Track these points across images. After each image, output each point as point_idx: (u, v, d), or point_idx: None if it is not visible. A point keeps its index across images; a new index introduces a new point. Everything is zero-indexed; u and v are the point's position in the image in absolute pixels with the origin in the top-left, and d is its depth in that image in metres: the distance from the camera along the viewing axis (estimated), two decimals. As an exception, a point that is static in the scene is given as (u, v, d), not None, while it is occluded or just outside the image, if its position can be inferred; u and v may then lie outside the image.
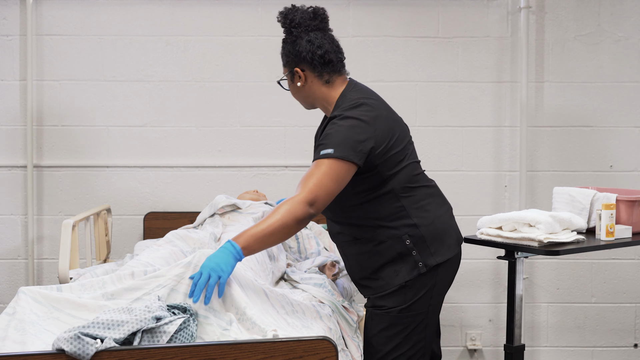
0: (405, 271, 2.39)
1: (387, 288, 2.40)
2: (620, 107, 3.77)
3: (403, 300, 2.39)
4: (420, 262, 2.38)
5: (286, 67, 2.48)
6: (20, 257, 3.76)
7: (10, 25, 3.70)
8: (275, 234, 2.19)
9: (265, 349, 1.86)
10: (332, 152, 2.27)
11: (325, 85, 2.48)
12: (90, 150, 3.74)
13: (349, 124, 2.33)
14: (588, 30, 3.75)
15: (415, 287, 2.38)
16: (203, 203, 3.73)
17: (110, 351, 1.82)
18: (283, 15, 2.47)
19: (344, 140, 2.29)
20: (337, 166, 2.26)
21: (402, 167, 2.40)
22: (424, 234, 2.39)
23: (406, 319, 2.39)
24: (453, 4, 3.73)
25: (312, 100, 2.52)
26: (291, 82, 2.50)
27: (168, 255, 2.72)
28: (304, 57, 2.43)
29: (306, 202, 2.21)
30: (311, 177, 2.25)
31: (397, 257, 2.39)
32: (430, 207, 2.44)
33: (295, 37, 2.44)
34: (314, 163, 2.30)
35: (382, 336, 2.40)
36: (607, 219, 2.73)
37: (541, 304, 3.84)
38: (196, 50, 3.73)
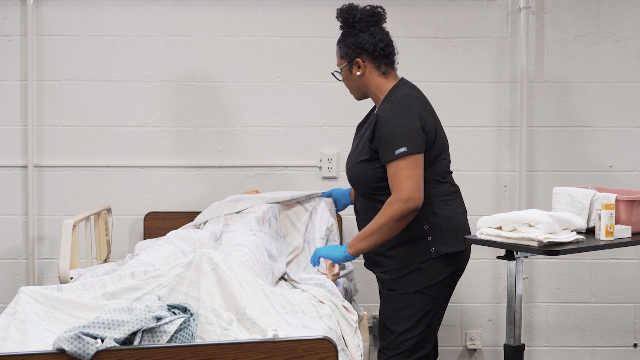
0: (418, 253, 2.64)
1: (398, 266, 2.66)
2: (620, 107, 3.78)
3: (417, 282, 2.63)
4: (433, 248, 2.64)
5: (344, 59, 2.71)
6: (20, 257, 3.77)
7: (10, 26, 3.70)
8: (375, 233, 2.57)
9: (265, 348, 1.86)
10: (406, 150, 2.55)
11: (382, 77, 2.72)
12: (90, 150, 3.75)
13: (408, 117, 2.59)
14: (588, 30, 3.75)
15: (428, 271, 2.64)
16: (203, 203, 3.74)
17: (111, 351, 1.82)
18: (345, 11, 2.70)
19: (409, 135, 2.56)
20: (413, 159, 2.56)
21: (438, 161, 2.68)
22: (442, 223, 2.66)
23: (421, 301, 2.64)
24: (453, 4, 3.74)
25: (366, 89, 2.75)
26: (349, 73, 2.72)
27: (168, 255, 2.73)
28: (366, 49, 2.68)
29: (401, 200, 2.53)
30: (397, 177, 2.55)
31: (412, 239, 2.64)
32: (451, 203, 2.71)
33: (357, 31, 2.68)
34: (393, 165, 2.56)
35: (398, 317, 2.64)
36: (607, 219, 2.73)
37: (541, 304, 3.84)
38: (196, 50, 3.73)
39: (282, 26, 3.74)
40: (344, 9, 2.71)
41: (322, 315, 2.35)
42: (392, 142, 2.56)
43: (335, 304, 2.54)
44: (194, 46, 3.73)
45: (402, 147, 2.54)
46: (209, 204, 3.74)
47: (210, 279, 2.16)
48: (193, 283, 2.17)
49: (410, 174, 2.54)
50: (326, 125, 3.76)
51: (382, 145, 2.59)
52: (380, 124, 2.60)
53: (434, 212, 2.65)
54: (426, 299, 2.65)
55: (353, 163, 2.73)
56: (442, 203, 2.68)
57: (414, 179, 2.54)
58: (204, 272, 2.17)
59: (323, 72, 3.74)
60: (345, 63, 2.72)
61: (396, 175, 2.55)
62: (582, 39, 3.75)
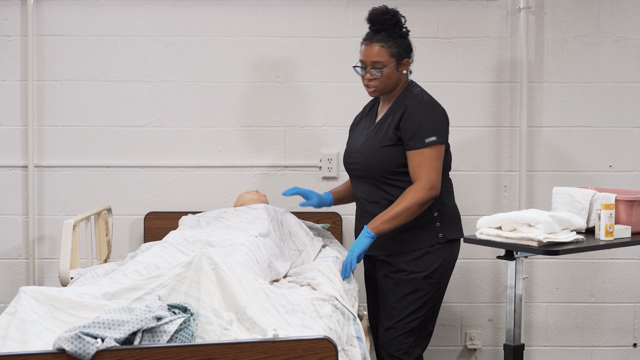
0: (427, 238, 2.86)
1: (408, 249, 2.87)
2: (620, 107, 3.78)
3: (426, 266, 2.85)
4: (441, 233, 2.88)
5: (394, 57, 2.87)
6: (21, 257, 3.77)
7: (11, 26, 3.70)
8: (398, 217, 2.77)
9: (266, 348, 1.86)
10: (436, 139, 2.79)
11: (407, 76, 2.97)
12: (91, 150, 3.75)
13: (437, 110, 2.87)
14: (587, 30, 3.75)
15: (435, 255, 2.86)
16: (203, 203, 3.74)
17: (111, 351, 1.82)
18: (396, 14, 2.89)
19: (438, 126, 2.82)
20: (440, 149, 2.82)
21: (448, 152, 2.94)
22: (448, 212, 2.92)
23: (427, 285, 2.86)
24: (453, 4, 3.74)
25: (396, 85, 2.92)
26: (395, 70, 2.88)
27: (168, 255, 2.73)
28: (411, 50, 2.94)
29: (427, 188, 2.76)
30: (423, 166, 2.78)
31: (423, 224, 2.86)
32: (451, 195, 2.98)
33: (406, 34, 2.92)
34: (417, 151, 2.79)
35: (406, 300, 2.85)
36: (607, 219, 2.73)
37: (541, 304, 3.84)
38: (196, 50, 3.74)
39: (282, 26, 3.74)
40: (391, 11, 2.88)
41: (322, 315, 2.35)
42: (423, 131, 2.80)
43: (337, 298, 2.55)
44: (194, 46, 3.74)
45: (432, 136, 2.79)
46: (209, 204, 3.75)
47: (211, 278, 2.16)
48: (193, 283, 2.17)
49: (434, 164, 2.79)
50: (326, 125, 3.76)
51: (412, 133, 2.81)
52: (410, 114, 2.83)
53: (441, 201, 2.89)
54: (432, 283, 2.87)
55: (373, 149, 2.89)
56: (447, 194, 2.94)
57: (437, 169, 2.80)
58: (204, 272, 2.18)
59: (323, 72, 3.74)
60: (395, 62, 2.87)
61: (422, 164, 2.79)
62: (582, 39, 3.76)
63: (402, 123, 2.84)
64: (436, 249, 2.88)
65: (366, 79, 2.91)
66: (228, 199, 3.75)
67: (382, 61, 2.86)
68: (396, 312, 2.88)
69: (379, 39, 2.87)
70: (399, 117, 2.85)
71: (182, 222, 3.36)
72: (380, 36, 2.87)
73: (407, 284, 2.87)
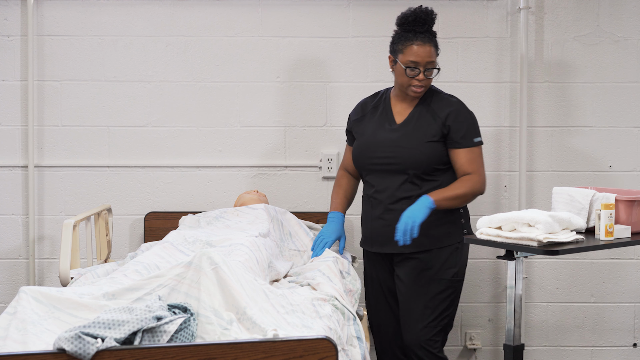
0: (456, 234, 2.97)
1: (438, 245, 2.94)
2: (620, 107, 3.78)
3: (455, 264, 2.96)
4: (465, 230, 3.00)
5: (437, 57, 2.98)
6: (21, 257, 3.77)
7: (11, 26, 3.71)
8: (457, 199, 2.89)
9: (266, 348, 1.86)
10: (481, 140, 2.99)
11: None
12: (91, 150, 3.75)
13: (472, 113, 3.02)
14: (587, 30, 3.76)
15: (461, 252, 2.99)
16: (203, 203, 3.74)
17: (111, 351, 1.83)
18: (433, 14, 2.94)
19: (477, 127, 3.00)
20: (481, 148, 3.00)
21: None
22: (466, 210, 3.05)
23: (455, 283, 2.97)
24: (453, 4, 3.74)
25: None
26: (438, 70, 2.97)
27: (168, 255, 2.73)
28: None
29: (481, 182, 2.95)
30: (475, 162, 2.94)
31: (451, 220, 2.97)
32: None
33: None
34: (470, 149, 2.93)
35: (438, 298, 2.94)
36: (606, 219, 2.73)
37: (540, 304, 3.84)
38: (197, 50, 3.74)
39: (282, 26, 3.74)
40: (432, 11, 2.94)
41: (322, 315, 2.35)
42: (472, 131, 2.96)
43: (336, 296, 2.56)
44: (194, 46, 3.74)
45: (479, 137, 2.98)
46: (209, 204, 3.75)
47: (211, 278, 2.16)
48: (193, 283, 2.18)
49: (482, 162, 2.99)
50: (326, 125, 3.76)
51: (462, 132, 2.94)
52: (458, 113, 2.96)
53: None
54: (458, 280, 3.00)
55: (418, 143, 2.94)
56: None
57: (484, 168, 3.00)
58: (204, 272, 2.18)
59: (323, 72, 3.74)
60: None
61: (475, 160, 2.95)
62: (582, 39, 3.76)
63: (450, 121, 2.93)
64: (462, 246, 2.99)
65: (419, 79, 2.92)
66: (228, 199, 3.75)
67: (434, 61, 2.94)
68: (429, 311, 2.94)
69: (429, 39, 2.92)
70: (444, 115, 2.94)
71: (182, 222, 3.37)
72: (428, 37, 2.92)
73: (439, 282, 2.94)
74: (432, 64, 2.92)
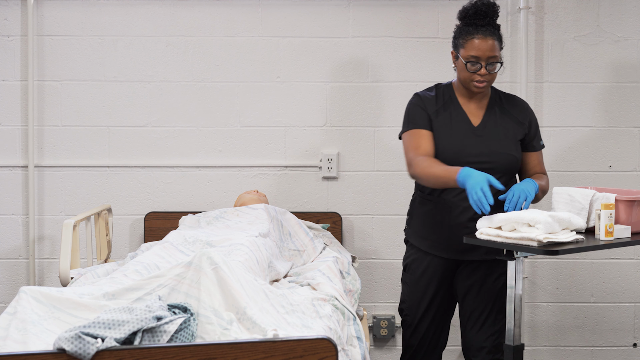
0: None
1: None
2: (620, 107, 3.78)
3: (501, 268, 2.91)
4: None
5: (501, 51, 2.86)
6: (21, 257, 3.77)
7: (11, 26, 3.71)
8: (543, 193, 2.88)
9: (266, 348, 1.87)
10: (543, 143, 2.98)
11: None
12: (91, 150, 3.75)
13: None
14: (587, 30, 3.76)
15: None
16: (203, 203, 3.74)
17: (111, 351, 1.83)
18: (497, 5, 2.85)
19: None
20: None
21: None
22: None
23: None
24: (453, 4, 3.74)
25: None
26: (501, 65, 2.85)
27: (168, 255, 2.73)
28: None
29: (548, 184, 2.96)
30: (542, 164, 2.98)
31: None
32: None
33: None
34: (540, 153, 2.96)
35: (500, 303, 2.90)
36: (606, 219, 2.73)
37: (541, 304, 3.84)
38: (197, 50, 3.74)
39: (282, 26, 3.74)
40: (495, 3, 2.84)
41: (322, 315, 2.35)
42: (540, 135, 2.98)
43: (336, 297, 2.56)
44: (194, 46, 3.74)
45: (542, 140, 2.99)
46: (209, 204, 3.75)
47: (211, 278, 2.16)
48: (193, 283, 2.18)
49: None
50: (326, 125, 3.76)
51: (536, 133, 2.95)
52: (533, 114, 2.96)
53: None
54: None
55: (511, 148, 2.88)
56: None
57: None
58: (204, 272, 2.18)
59: (323, 72, 3.74)
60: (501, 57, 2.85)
61: (542, 163, 2.98)
62: (582, 39, 3.76)
63: (533, 127, 2.93)
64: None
65: (481, 73, 2.80)
66: (228, 199, 3.75)
67: (497, 55, 2.81)
68: (500, 317, 2.91)
69: (491, 32, 2.80)
70: (527, 121, 2.92)
71: (182, 222, 3.37)
72: (490, 30, 2.79)
73: (502, 289, 2.89)
74: (495, 58, 2.79)
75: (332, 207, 3.75)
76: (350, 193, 3.75)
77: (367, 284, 3.75)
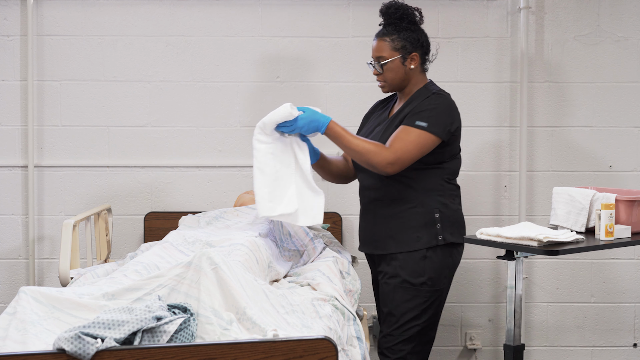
0: (426, 239, 2.79)
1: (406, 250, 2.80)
2: (620, 107, 3.78)
3: (424, 272, 2.79)
4: (440, 236, 2.80)
5: (399, 51, 2.84)
6: (20, 257, 3.77)
7: (11, 26, 3.71)
8: (350, 150, 2.73)
9: (266, 348, 1.86)
10: (425, 126, 2.73)
11: (422, 73, 2.92)
12: (90, 150, 3.75)
13: (446, 104, 2.81)
14: (587, 30, 3.75)
15: (433, 260, 2.80)
16: (203, 203, 3.74)
17: (111, 351, 1.82)
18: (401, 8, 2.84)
19: (438, 117, 2.76)
20: (426, 138, 2.74)
21: (457, 157, 2.92)
22: (450, 215, 2.84)
23: (426, 292, 2.79)
24: (453, 4, 3.74)
25: (407, 83, 2.89)
26: (402, 65, 2.85)
27: (168, 255, 2.73)
28: (422, 45, 2.88)
29: (387, 161, 2.70)
30: (401, 140, 2.72)
31: (422, 225, 2.80)
32: (456, 200, 2.91)
33: (416, 27, 2.87)
34: (404, 128, 2.74)
35: (404, 307, 2.80)
36: (607, 219, 2.73)
37: (541, 304, 3.84)
38: (196, 50, 3.74)
39: (282, 26, 3.74)
40: (398, 5, 2.86)
41: (322, 315, 2.35)
42: (424, 115, 2.79)
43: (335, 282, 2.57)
44: (194, 46, 3.74)
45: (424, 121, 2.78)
46: (209, 204, 3.75)
47: (211, 279, 2.16)
48: (193, 283, 2.17)
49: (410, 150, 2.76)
50: (326, 125, 3.75)
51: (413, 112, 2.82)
52: (425, 99, 2.84)
53: (444, 203, 2.84)
54: (431, 290, 2.81)
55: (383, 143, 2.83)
56: (452, 197, 2.88)
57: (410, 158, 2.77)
58: (204, 272, 2.17)
59: (323, 72, 3.74)
60: (399, 55, 2.84)
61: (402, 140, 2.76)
62: (582, 39, 3.76)
63: (411, 105, 2.82)
64: (434, 253, 2.80)
65: (374, 74, 2.90)
66: (228, 199, 3.75)
67: (384, 55, 2.84)
68: (394, 319, 2.83)
69: (383, 33, 2.86)
70: (413, 105, 2.82)
71: (182, 222, 3.37)
72: (385, 30, 2.86)
73: (406, 290, 2.80)
74: (382, 58, 2.84)
75: (332, 207, 3.75)
76: (351, 193, 3.74)
77: (367, 284, 3.74)
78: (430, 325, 2.86)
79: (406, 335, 2.81)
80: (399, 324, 2.81)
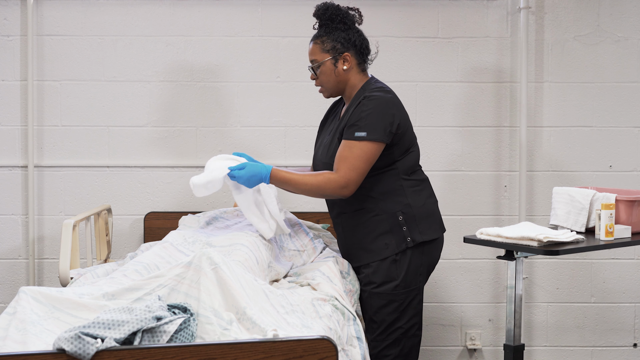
0: (395, 244, 2.74)
1: (376, 259, 2.75)
2: (620, 107, 3.78)
3: (395, 275, 2.74)
4: (409, 237, 2.73)
5: (329, 52, 2.76)
6: (20, 257, 3.77)
7: (11, 26, 3.71)
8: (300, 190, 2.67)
9: (266, 348, 1.86)
10: (365, 135, 2.62)
11: (361, 73, 2.81)
12: (90, 150, 3.75)
13: (380, 105, 2.66)
14: (587, 30, 3.75)
15: (402, 262, 2.74)
16: (203, 203, 3.74)
17: (111, 351, 1.83)
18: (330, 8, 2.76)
19: (375, 122, 2.63)
20: (369, 147, 2.64)
21: (410, 153, 2.78)
22: (415, 213, 2.75)
23: (401, 295, 2.75)
24: (453, 4, 3.74)
25: (344, 85, 2.81)
26: (333, 67, 2.77)
27: (168, 255, 2.73)
28: (355, 44, 2.77)
29: (340, 186, 2.63)
30: (345, 160, 2.63)
31: (388, 230, 2.74)
32: (422, 193, 2.81)
33: (347, 27, 2.76)
34: (346, 143, 2.64)
35: (382, 312, 2.76)
36: (607, 219, 2.73)
37: (541, 304, 3.84)
38: (196, 50, 3.74)
39: (282, 26, 3.74)
40: (328, 6, 2.77)
41: (322, 315, 2.35)
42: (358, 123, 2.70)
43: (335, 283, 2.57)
44: (194, 46, 3.74)
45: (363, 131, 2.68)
46: (209, 204, 3.75)
47: (210, 279, 2.16)
48: (193, 283, 2.17)
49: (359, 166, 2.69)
50: (326, 125, 3.76)
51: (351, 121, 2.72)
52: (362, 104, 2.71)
53: (407, 203, 2.76)
54: (406, 292, 2.77)
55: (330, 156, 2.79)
56: (415, 194, 2.78)
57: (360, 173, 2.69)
58: (204, 272, 2.18)
59: (323, 72, 3.74)
60: (330, 57, 2.77)
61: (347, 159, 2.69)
62: (582, 39, 3.76)
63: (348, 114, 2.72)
64: (404, 256, 2.76)
65: (311, 78, 2.87)
66: (228, 199, 3.75)
67: (315, 59, 2.79)
68: (375, 325, 2.80)
69: (315, 35, 2.81)
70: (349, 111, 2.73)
71: (182, 222, 3.36)
72: (316, 33, 2.81)
73: (380, 296, 2.77)
74: (314, 62, 2.80)
75: (332, 207, 3.75)
76: (350, 193, 3.75)
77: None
78: (415, 326, 2.82)
79: (390, 340, 2.78)
80: (380, 330, 2.79)
